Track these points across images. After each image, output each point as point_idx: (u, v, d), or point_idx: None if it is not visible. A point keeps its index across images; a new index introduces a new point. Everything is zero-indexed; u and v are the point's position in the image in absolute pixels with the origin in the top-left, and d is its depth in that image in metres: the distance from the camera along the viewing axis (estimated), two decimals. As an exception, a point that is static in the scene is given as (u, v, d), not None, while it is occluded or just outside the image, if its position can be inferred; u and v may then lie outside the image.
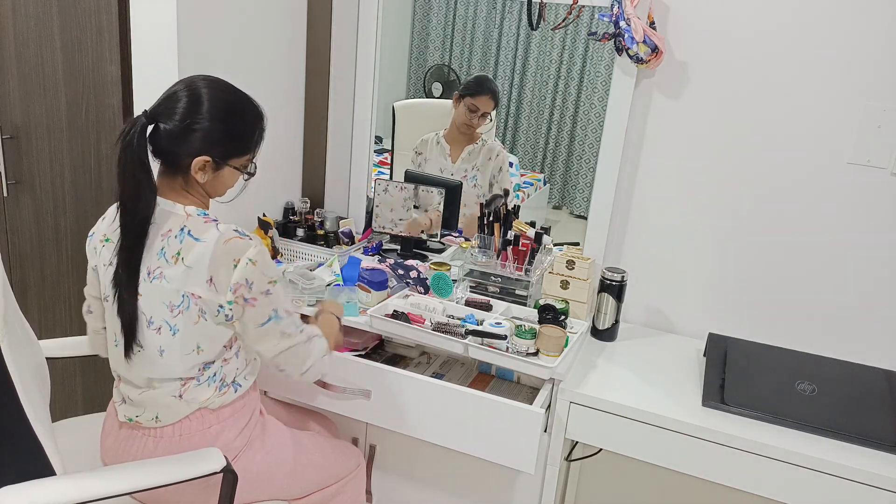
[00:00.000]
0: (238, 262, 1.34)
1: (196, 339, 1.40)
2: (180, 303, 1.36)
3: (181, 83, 1.39)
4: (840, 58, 1.80)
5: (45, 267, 2.28)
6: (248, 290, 1.35)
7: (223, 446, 1.47)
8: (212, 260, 1.34)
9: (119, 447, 1.50)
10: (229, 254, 1.34)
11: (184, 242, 1.35)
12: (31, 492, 1.18)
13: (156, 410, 1.45)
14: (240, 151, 1.43)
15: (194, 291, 1.35)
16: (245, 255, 1.35)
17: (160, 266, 1.36)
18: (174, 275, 1.35)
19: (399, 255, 2.34)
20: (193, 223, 1.37)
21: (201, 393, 1.45)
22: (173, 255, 1.35)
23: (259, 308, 1.38)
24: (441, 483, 2.00)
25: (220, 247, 1.34)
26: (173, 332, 1.39)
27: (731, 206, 1.99)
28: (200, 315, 1.37)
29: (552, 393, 1.75)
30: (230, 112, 1.40)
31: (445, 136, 2.53)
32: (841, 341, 1.95)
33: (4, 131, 2.14)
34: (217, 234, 1.35)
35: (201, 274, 1.34)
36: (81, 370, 2.39)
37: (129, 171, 1.31)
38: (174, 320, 1.38)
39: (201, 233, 1.36)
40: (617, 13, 1.87)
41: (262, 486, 1.56)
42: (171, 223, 1.37)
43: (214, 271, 1.34)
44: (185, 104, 1.35)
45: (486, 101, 2.46)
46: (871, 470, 1.49)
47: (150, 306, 1.38)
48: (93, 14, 2.04)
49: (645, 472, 2.23)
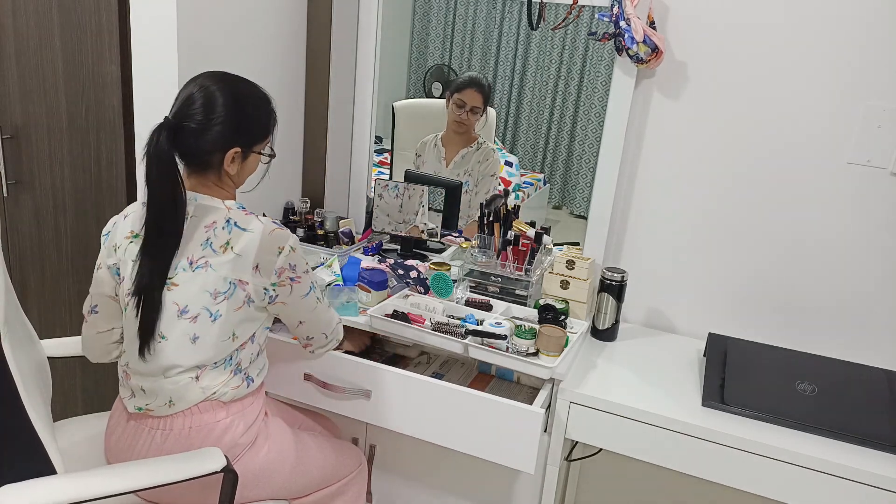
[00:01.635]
0: (282, 248, 1.47)
1: (233, 326, 1.47)
2: (226, 290, 1.44)
3: (192, 85, 1.45)
4: (840, 58, 1.80)
5: (45, 267, 2.28)
6: (292, 272, 1.49)
7: (231, 441, 1.49)
8: (259, 248, 1.44)
9: (125, 443, 1.50)
10: (274, 242, 1.46)
11: (232, 233, 1.45)
12: (32, 491, 1.18)
13: (169, 395, 1.47)
14: (261, 136, 1.53)
15: (241, 278, 1.44)
16: (287, 244, 1.48)
17: (205, 256, 1.43)
18: (222, 262, 1.43)
19: (399, 255, 2.34)
20: (236, 215, 1.47)
21: (217, 376, 1.48)
22: (221, 245, 1.44)
23: (303, 283, 1.53)
24: (441, 483, 2.00)
25: (266, 236, 1.45)
26: (214, 318, 1.45)
27: (730, 206, 1.99)
28: (246, 301, 1.46)
29: (552, 393, 1.75)
30: (243, 101, 1.48)
31: (443, 139, 2.53)
32: (841, 341, 1.95)
33: (4, 131, 2.14)
34: (262, 225, 1.46)
35: (248, 261, 1.44)
36: (81, 370, 2.39)
37: (162, 176, 1.38)
38: (216, 306, 1.44)
39: (246, 224, 1.46)
40: (617, 13, 1.87)
41: (263, 485, 1.57)
42: (214, 216, 1.46)
43: (261, 258, 1.45)
44: (202, 104, 1.41)
45: (471, 94, 2.46)
46: (871, 470, 1.49)
47: (188, 295, 1.44)
48: (93, 14, 2.04)
49: (645, 472, 2.23)
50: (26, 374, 1.34)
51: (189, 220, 1.44)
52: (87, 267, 2.30)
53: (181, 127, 1.40)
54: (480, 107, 2.46)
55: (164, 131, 1.37)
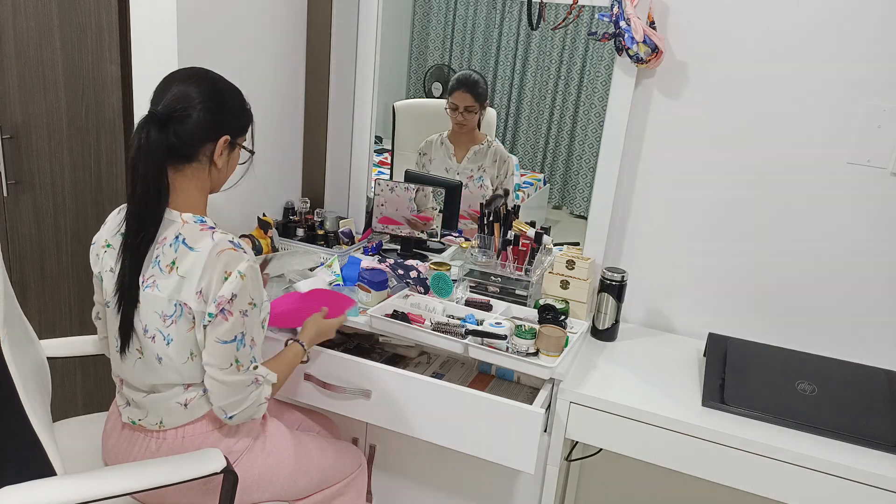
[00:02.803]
0: (230, 274, 1.32)
1: (189, 347, 1.39)
2: (173, 312, 1.35)
3: (168, 81, 1.40)
4: (840, 57, 1.80)
5: (45, 267, 2.28)
6: (228, 304, 1.33)
7: (225, 448, 1.48)
8: (204, 270, 1.32)
9: (120, 448, 1.50)
10: (223, 265, 1.32)
11: (178, 251, 1.34)
12: (31, 492, 1.18)
13: (160, 415, 1.46)
14: (243, 128, 1.48)
15: (186, 301, 1.34)
16: (237, 268, 1.33)
17: (154, 275, 1.36)
18: (167, 284, 1.35)
19: (399, 255, 2.34)
20: (188, 231, 1.36)
21: (205, 405, 1.46)
22: (167, 265, 1.35)
23: (230, 324, 1.34)
24: (441, 483, 2.00)
25: (212, 257, 1.32)
26: (167, 341, 1.38)
27: (731, 206, 1.99)
28: (194, 322, 1.36)
29: (552, 393, 1.75)
30: (221, 91, 1.42)
31: (449, 137, 2.53)
32: (841, 341, 1.95)
33: (4, 131, 2.13)
34: (211, 244, 1.33)
35: (192, 284, 1.33)
36: (81, 370, 2.39)
37: (148, 171, 1.32)
38: (167, 330, 1.37)
39: (196, 241, 1.35)
40: (617, 13, 1.87)
41: (263, 487, 1.56)
42: (167, 231, 1.37)
43: (204, 283, 1.32)
44: (185, 94, 1.36)
45: (461, 95, 2.47)
46: (871, 470, 1.49)
47: (146, 315, 1.38)
48: (93, 14, 2.04)
49: (645, 472, 2.23)
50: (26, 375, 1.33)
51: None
52: (87, 267, 2.29)
53: (170, 118, 1.34)
54: (474, 105, 2.47)
55: (153, 124, 1.32)
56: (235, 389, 1.39)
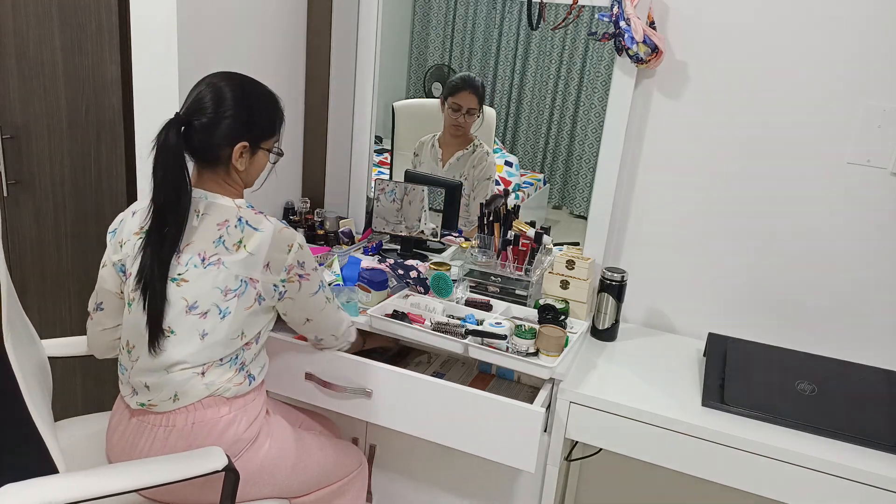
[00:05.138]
0: (291, 247, 1.51)
1: (242, 324, 1.49)
2: (237, 287, 1.47)
3: (201, 83, 1.49)
4: (840, 57, 1.81)
5: (45, 267, 2.28)
6: (301, 269, 1.54)
7: (233, 436, 1.49)
8: (271, 246, 1.48)
9: (127, 441, 1.51)
10: (285, 240, 1.51)
11: (244, 231, 1.48)
12: (34, 490, 1.18)
13: (174, 390, 1.47)
14: (268, 133, 1.56)
15: (252, 276, 1.47)
16: (296, 241, 1.53)
17: (217, 253, 1.46)
18: (235, 261, 1.46)
19: (399, 255, 2.35)
20: (247, 214, 1.51)
21: (223, 373, 1.50)
22: (234, 244, 1.47)
23: (312, 281, 1.58)
24: (441, 483, 2.00)
25: (277, 235, 1.50)
26: (223, 315, 1.47)
27: (730, 206, 2.00)
28: (256, 299, 1.49)
29: (552, 393, 1.76)
30: (251, 98, 1.51)
31: (439, 140, 2.53)
32: (841, 341, 1.96)
33: (4, 131, 2.13)
34: (272, 225, 1.51)
35: (260, 259, 1.48)
36: (81, 370, 2.39)
37: (168, 170, 1.41)
38: (227, 303, 1.47)
39: (258, 223, 1.50)
40: (617, 13, 1.88)
41: (264, 482, 1.57)
42: (226, 214, 1.49)
43: (272, 256, 1.49)
44: (210, 99, 1.45)
45: (466, 96, 2.46)
46: (871, 470, 1.49)
47: (198, 291, 1.45)
48: (93, 14, 2.04)
49: (645, 472, 2.23)
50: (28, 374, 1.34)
51: (200, 218, 1.47)
52: (87, 267, 2.30)
53: (190, 123, 1.44)
54: (476, 108, 2.46)
55: (173, 127, 1.41)
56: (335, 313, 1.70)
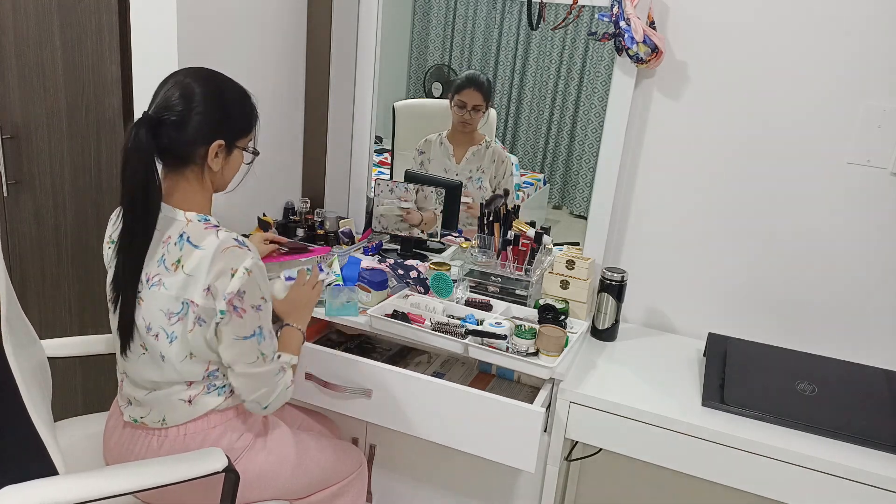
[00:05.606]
0: (235, 271, 1.34)
1: (189, 347, 1.40)
2: (179, 310, 1.37)
3: (168, 81, 1.41)
4: (840, 58, 1.81)
5: (45, 267, 2.28)
6: (239, 300, 1.35)
7: (227, 445, 1.49)
8: (210, 267, 1.34)
9: (122, 447, 1.51)
10: (227, 262, 1.34)
11: (183, 249, 1.36)
12: (33, 491, 1.18)
13: (163, 413, 1.46)
14: (243, 131, 1.46)
15: (193, 299, 1.35)
16: (242, 265, 1.35)
17: (159, 273, 1.37)
18: (174, 282, 1.36)
19: (399, 255, 2.35)
20: (193, 229, 1.38)
21: (211, 401, 1.47)
22: (173, 263, 1.36)
23: (246, 321, 1.37)
24: (441, 483, 2.00)
25: (218, 254, 1.34)
26: (170, 339, 1.40)
27: (730, 206, 2.00)
28: (196, 322, 1.37)
29: (552, 393, 1.76)
30: (222, 93, 1.42)
31: (448, 137, 2.53)
32: (841, 341, 1.96)
33: (4, 131, 2.13)
34: (216, 242, 1.35)
35: (199, 282, 1.34)
36: (81, 370, 2.39)
37: (137, 173, 1.32)
38: (171, 328, 1.39)
39: (200, 239, 1.36)
40: (617, 13, 1.87)
41: (264, 486, 1.57)
42: (172, 229, 1.38)
43: (212, 280, 1.34)
44: (179, 95, 1.36)
45: (471, 93, 2.47)
46: (871, 470, 1.49)
47: (150, 313, 1.39)
48: (93, 13, 2.04)
49: (645, 472, 2.23)
50: (27, 375, 1.34)
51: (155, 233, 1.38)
52: (87, 267, 2.30)
53: (161, 121, 1.35)
54: (482, 104, 2.47)
55: (143, 126, 1.32)
56: (265, 380, 1.44)
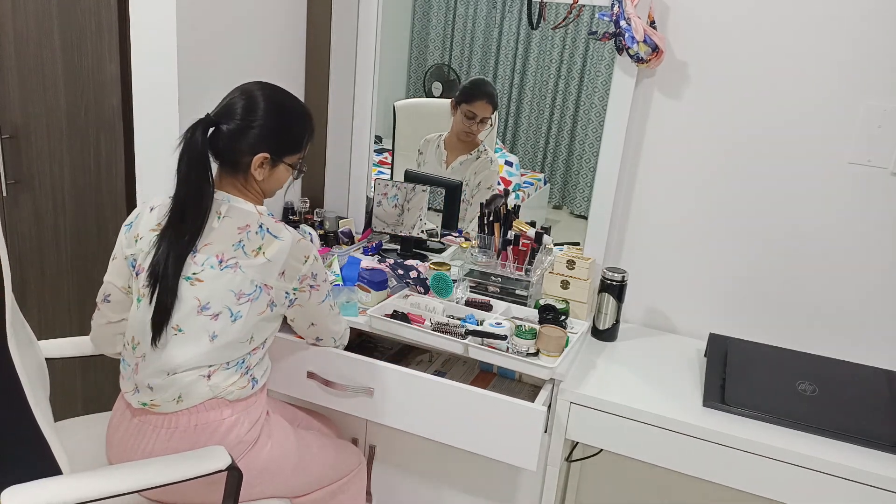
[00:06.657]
0: (308, 258, 1.55)
1: (252, 329, 1.51)
2: (251, 292, 1.48)
3: (237, 90, 1.52)
4: (841, 58, 1.81)
5: (45, 267, 2.28)
6: (313, 280, 1.58)
7: (235, 438, 1.50)
8: (289, 256, 1.52)
9: (129, 441, 1.50)
10: (302, 251, 1.54)
11: (265, 238, 1.50)
12: (38, 491, 1.19)
13: (178, 391, 1.47)
14: (293, 149, 1.57)
15: (268, 282, 1.50)
16: (311, 254, 1.57)
17: (235, 256, 1.47)
18: (251, 265, 1.48)
19: (399, 255, 2.35)
20: (268, 221, 1.53)
21: (228, 377, 1.50)
22: (253, 249, 1.49)
23: (321, 291, 1.63)
24: (441, 483, 2.00)
25: (295, 245, 1.53)
26: (234, 318, 1.48)
27: (731, 206, 2.00)
28: (269, 306, 1.51)
29: (552, 393, 1.76)
30: (283, 112, 1.53)
31: (445, 141, 2.53)
32: (841, 341, 1.96)
33: (4, 131, 2.13)
34: (291, 235, 1.53)
35: (277, 267, 1.50)
36: (81, 370, 2.39)
37: (192, 168, 1.44)
38: (239, 307, 1.48)
39: (278, 231, 1.52)
40: (617, 12, 1.88)
41: (266, 482, 1.58)
42: (247, 219, 1.51)
43: (288, 265, 1.52)
44: (242, 106, 1.48)
45: (482, 106, 2.46)
46: (871, 470, 1.50)
47: (213, 293, 1.46)
48: (93, 14, 2.04)
49: (645, 472, 2.23)
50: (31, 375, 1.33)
51: (221, 219, 1.49)
52: (87, 267, 2.30)
53: (218, 126, 1.47)
54: (490, 117, 2.46)
55: (200, 127, 1.44)
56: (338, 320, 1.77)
